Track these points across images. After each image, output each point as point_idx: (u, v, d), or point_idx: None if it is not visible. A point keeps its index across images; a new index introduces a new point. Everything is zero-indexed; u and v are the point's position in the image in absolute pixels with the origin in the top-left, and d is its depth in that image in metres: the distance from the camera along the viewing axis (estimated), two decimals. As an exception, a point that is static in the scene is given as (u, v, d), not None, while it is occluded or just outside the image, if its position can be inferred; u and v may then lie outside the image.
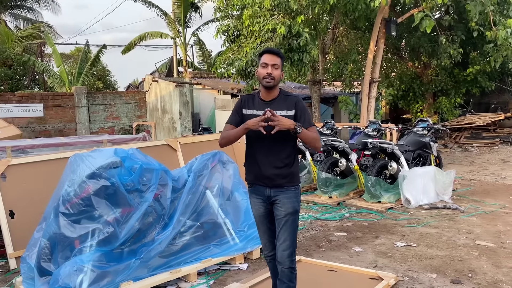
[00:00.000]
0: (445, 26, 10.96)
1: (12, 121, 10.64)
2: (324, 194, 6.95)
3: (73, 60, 25.10)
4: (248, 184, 3.04)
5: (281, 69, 2.88)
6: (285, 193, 2.88)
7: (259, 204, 2.98)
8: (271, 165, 2.86)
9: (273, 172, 2.86)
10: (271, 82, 2.82)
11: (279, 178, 2.87)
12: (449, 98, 14.85)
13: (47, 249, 3.53)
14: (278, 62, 2.83)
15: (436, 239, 4.91)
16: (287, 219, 2.87)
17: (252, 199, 3.03)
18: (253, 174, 2.96)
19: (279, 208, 2.89)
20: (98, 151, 3.83)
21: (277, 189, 2.89)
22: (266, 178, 2.89)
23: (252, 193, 3.02)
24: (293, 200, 2.89)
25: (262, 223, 3.04)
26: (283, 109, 2.86)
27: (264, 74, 2.82)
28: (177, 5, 16.04)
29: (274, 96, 2.91)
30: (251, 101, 2.95)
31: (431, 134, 7.40)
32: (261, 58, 2.87)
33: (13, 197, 4.51)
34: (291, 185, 2.91)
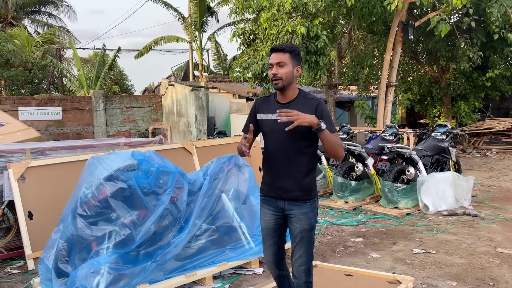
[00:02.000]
0: (464, 29, 10.79)
1: (32, 124, 10.82)
2: (340, 199, 6.88)
3: (91, 64, 25.49)
4: (261, 194, 2.83)
5: (293, 64, 2.59)
6: (301, 207, 2.64)
7: (270, 215, 2.76)
8: (287, 175, 2.63)
9: (289, 182, 2.63)
10: (279, 83, 2.57)
11: (296, 190, 2.63)
12: (467, 103, 14.61)
13: (65, 250, 3.55)
14: (284, 59, 2.56)
15: (456, 246, 4.81)
16: (303, 236, 2.66)
17: (262, 210, 2.81)
18: (267, 184, 2.74)
19: (294, 223, 2.67)
20: (116, 154, 3.85)
21: (292, 202, 2.65)
22: (281, 189, 2.66)
23: (264, 203, 2.80)
24: (309, 216, 2.65)
25: (269, 237, 2.80)
26: (302, 112, 2.54)
27: (271, 76, 2.61)
28: (194, 10, 16.16)
29: (292, 97, 2.65)
30: (266, 104, 2.72)
31: (449, 139, 7.27)
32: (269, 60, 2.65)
33: (32, 198, 4.56)
34: (308, 198, 2.65)
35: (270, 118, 2.65)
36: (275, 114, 2.55)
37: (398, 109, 16.78)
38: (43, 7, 23.39)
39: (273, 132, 2.64)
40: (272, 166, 2.68)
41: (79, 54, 18.26)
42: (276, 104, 2.67)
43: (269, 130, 2.67)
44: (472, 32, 11.43)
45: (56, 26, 23.15)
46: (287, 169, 2.62)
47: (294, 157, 2.61)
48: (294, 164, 2.61)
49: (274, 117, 2.55)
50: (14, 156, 4.90)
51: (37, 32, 23.28)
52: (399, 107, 16.86)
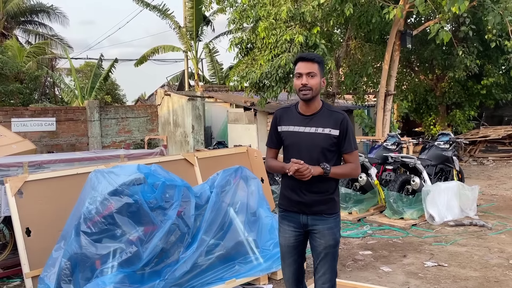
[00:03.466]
0: (461, 37, 10.83)
1: (25, 135, 10.59)
2: (343, 210, 6.75)
3: (82, 74, 25.27)
4: (280, 209, 2.69)
5: (321, 75, 2.52)
6: (325, 222, 2.54)
7: (291, 232, 2.62)
8: (310, 190, 2.51)
9: (312, 197, 2.52)
10: (309, 94, 2.47)
11: (319, 205, 2.53)
12: (462, 111, 14.67)
13: (68, 269, 3.38)
14: (315, 69, 2.47)
15: (468, 259, 4.70)
16: (328, 252, 2.56)
17: (282, 226, 2.67)
18: (288, 198, 2.61)
19: (318, 239, 2.56)
20: (120, 167, 3.70)
21: (315, 216, 2.54)
22: (304, 204, 2.54)
23: (283, 219, 2.66)
24: (334, 231, 2.56)
25: (289, 255, 2.66)
26: (326, 126, 2.50)
27: (299, 85, 2.49)
28: (189, 19, 16.10)
29: (315, 109, 2.55)
30: (287, 116, 2.62)
31: (453, 148, 7.21)
32: (295, 68, 2.54)
33: (29, 214, 4.36)
34: (332, 212, 2.56)
35: (292, 130, 2.56)
36: (298, 126, 2.52)
37: (393, 118, 16.79)
38: (35, 16, 23.16)
39: (296, 144, 2.53)
40: (294, 181, 2.52)
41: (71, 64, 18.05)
42: (299, 115, 2.58)
43: (291, 142, 2.57)
44: (468, 40, 11.48)
45: (48, 35, 22.92)
46: (310, 182, 2.48)
47: None
48: (318, 177, 2.48)
49: (298, 130, 2.52)
50: (10, 169, 4.72)
51: (28, 42, 23.04)
52: (394, 116, 16.87)
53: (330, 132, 2.49)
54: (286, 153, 2.61)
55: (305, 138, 2.46)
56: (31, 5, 22.50)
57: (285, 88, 10.12)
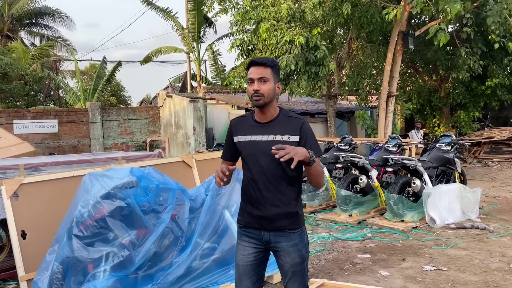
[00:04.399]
0: (464, 38, 10.75)
1: (27, 137, 10.63)
2: (343, 212, 6.70)
3: (87, 76, 25.38)
4: (240, 225, 2.47)
5: (275, 80, 2.35)
6: (288, 238, 2.34)
7: (250, 250, 2.39)
8: (271, 203, 2.32)
9: (274, 211, 2.32)
10: (261, 100, 2.30)
11: (282, 219, 2.33)
12: (467, 112, 14.56)
13: (60, 273, 3.35)
14: (267, 74, 2.31)
15: (468, 262, 4.63)
16: (295, 270, 2.37)
17: (241, 244, 2.43)
18: (248, 213, 2.40)
19: (283, 257, 2.37)
20: (113, 170, 3.67)
21: (278, 232, 2.34)
22: (265, 219, 2.34)
23: (243, 235, 2.43)
24: (299, 247, 2.36)
25: (246, 276, 2.39)
26: (285, 133, 2.31)
27: (251, 91, 2.31)
28: (191, 21, 16.10)
29: (272, 116, 2.36)
30: (242, 125, 2.43)
31: (455, 150, 7.13)
32: (247, 73, 2.36)
33: (25, 217, 4.35)
34: (296, 228, 2.36)
35: (249, 140, 2.37)
36: (255, 135, 2.34)
37: (397, 119, 16.71)
38: (40, 19, 23.29)
39: (254, 154, 2.34)
40: (253, 192, 2.35)
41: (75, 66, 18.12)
42: (255, 123, 2.39)
43: (249, 153, 2.36)
44: (471, 41, 11.38)
45: (53, 37, 23.03)
46: (271, 195, 2.32)
47: (280, 182, 2.33)
48: (280, 190, 2.33)
49: (255, 139, 2.33)
50: (7, 172, 4.72)
51: (33, 44, 23.16)
52: (398, 117, 16.79)
53: (289, 138, 2.30)
54: (244, 165, 2.42)
55: (263, 147, 2.28)
56: (36, 8, 22.62)
57: (285, 90, 10.08)
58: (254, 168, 2.34)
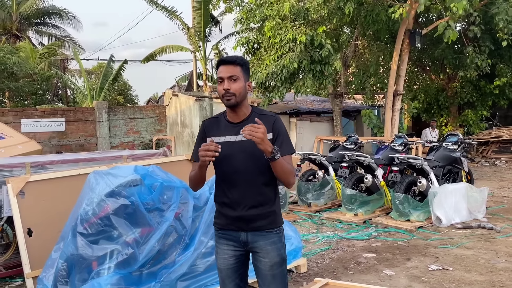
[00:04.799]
0: (471, 36, 10.67)
1: (34, 136, 10.72)
2: (349, 211, 6.68)
3: (95, 76, 25.52)
4: (216, 228, 2.41)
5: (246, 78, 2.28)
6: (266, 237, 2.27)
7: (230, 253, 2.34)
8: (247, 203, 2.26)
9: (250, 212, 2.26)
10: (232, 99, 2.22)
11: (258, 219, 2.27)
12: (475, 111, 14.45)
13: (64, 270, 3.38)
14: (236, 72, 2.24)
15: (474, 262, 4.59)
16: (275, 273, 2.28)
17: (220, 247, 2.38)
18: (224, 216, 2.33)
19: (261, 259, 2.28)
20: (118, 169, 3.69)
21: (255, 232, 2.28)
22: (241, 220, 2.28)
23: (221, 238, 2.38)
24: (278, 246, 2.30)
25: (229, 279, 2.36)
26: None
27: (221, 91, 2.24)
28: (197, 20, 16.12)
29: (245, 115, 2.30)
30: (215, 126, 2.36)
31: (461, 149, 7.07)
32: (217, 72, 2.28)
33: (31, 214, 4.39)
34: (274, 227, 2.31)
35: (222, 140, 2.28)
36: (228, 136, 2.28)
37: (404, 118, 16.62)
38: (48, 18, 23.46)
39: (228, 155, 2.25)
40: (230, 194, 2.29)
41: (83, 65, 18.25)
42: (228, 124, 2.32)
43: (223, 154, 2.20)
44: (479, 39, 11.28)
45: (61, 36, 23.19)
46: (247, 195, 2.26)
47: (256, 182, 2.26)
48: (255, 189, 2.27)
49: (229, 140, 2.26)
50: (13, 170, 4.76)
51: (41, 43, 23.33)
52: (405, 116, 16.70)
53: None
54: (217, 166, 2.33)
55: (237, 148, 2.23)
56: (44, 7, 22.79)
57: (291, 89, 10.06)
58: (228, 169, 2.28)
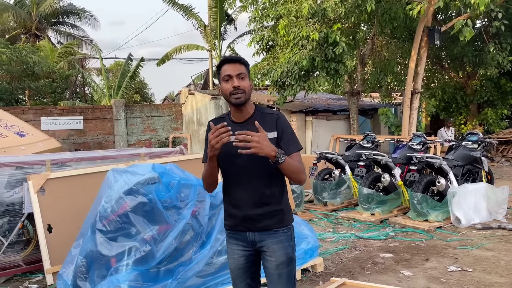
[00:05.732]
0: (492, 33, 10.44)
1: (53, 134, 10.90)
2: (365, 210, 6.62)
3: (112, 74, 25.82)
4: (226, 229, 2.41)
5: (249, 78, 2.28)
6: (274, 237, 2.25)
7: (240, 253, 2.32)
8: (254, 203, 2.24)
9: (256, 211, 2.24)
10: (242, 97, 2.20)
11: (265, 219, 2.25)
12: (495, 110, 14.15)
13: (84, 267, 3.43)
14: (243, 70, 2.23)
15: (494, 264, 4.51)
16: (281, 272, 2.25)
17: (230, 247, 2.38)
18: (232, 217, 2.32)
19: (268, 258, 2.27)
20: (136, 166, 3.73)
21: (263, 232, 2.26)
22: (248, 220, 2.26)
23: (230, 238, 2.37)
24: (285, 245, 2.27)
25: (240, 279, 2.36)
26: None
27: (230, 89, 2.20)
28: (213, 18, 16.17)
29: (248, 115, 2.28)
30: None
31: (481, 148, 6.94)
32: (221, 71, 2.25)
33: (51, 211, 4.48)
34: (282, 226, 2.28)
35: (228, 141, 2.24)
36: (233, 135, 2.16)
37: (422, 117, 16.38)
38: (66, 18, 23.83)
39: (233, 155, 2.18)
40: (235, 194, 2.28)
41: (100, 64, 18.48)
42: (233, 124, 2.27)
43: (228, 154, 2.21)
44: (500, 36, 11.04)
45: (79, 36, 23.53)
46: (253, 195, 2.24)
47: (261, 181, 2.24)
48: (261, 188, 2.24)
49: (232, 139, 2.16)
50: (34, 167, 4.84)
51: (60, 42, 23.71)
52: (423, 115, 16.45)
53: (267, 136, 2.17)
54: (223, 167, 2.31)
55: (242, 148, 2.15)
56: (62, 7, 23.15)
57: (304, 87, 10.01)
58: (234, 169, 2.26)
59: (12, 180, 4.70)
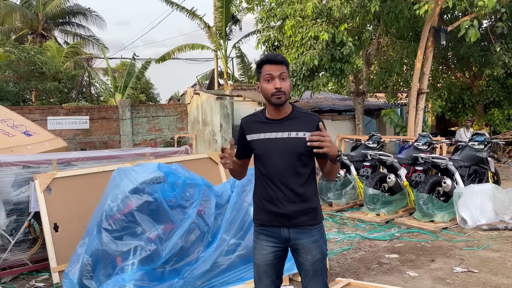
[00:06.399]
0: (499, 33, 10.38)
1: (60, 133, 10.96)
2: (371, 211, 6.60)
3: (118, 74, 25.91)
4: (257, 224, 2.42)
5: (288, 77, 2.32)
6: (308, 235, 2.31)
7: (270, 248, 2.36)
8: (289, 200, 2.28)
9: (293, 208, 2.28)
10: (283, 97, 2.25)
11: (300, 216, 2.29)
12: (501, 110, 14.07)
13: (89, 265, 3.45)
14: (284, 70, 2.27)
15: (500, 265, 4.48)
16: (316, 268, 2.33)
17: (259, 243, 2.39)
18: (266, 212, 2.34)
19: (304, 256, 2.33)
20: (141, 166, 3.74)
21: (297, 229, 2.31)
22: (284, 217, 2.30)
23: (260, 234, 2.39)
24: (320, 243, 2.33)
25: (266, 275, 2.37)
26: (301, 130, 2.27)
27: (271, 90, 2.24)
28: (219, 18, 16.19)
29: (286, 113, 2.32)
30: (254, 123, 2.39)
31: (488, 149, 6.90)
32: (262, 70, 2.28)
33: (57, 210, 4.50)
34: (315, 223, 2.32)
35: (263, 137, 2.33)
36: (271, 133, 2.30)
37: (428, 117, 16.31)
38: (73, 18, 23.95)
39: (270, 152, 2.30)
40: (270, 190, 2.32)
41: (107, 64, 18.56)
42: (267, 121, 2.34)
43: (264, 151, 2.31)
44: (507, 36, 10.98)
45: (85, 36, 23.64)
46: (288, 192, 2.29)
47: (296, 178, 2.29)
48: (296, 186, 2.29)
49: (271, 136, 2.29)
50: (40, 167, 4.87)
51: (66, 42, 23.83)
52: (429, 115, 16.38)
53: (305, 135, 2.26)
54: (258, 163, 2.36)
55: (279, 145, 2.27)
56: (69, 7, 23.26)
57: (309, 87, 10.00)
58: (269, 166, 2.30)
59: (19, 179, 4.74)
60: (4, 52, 15.58)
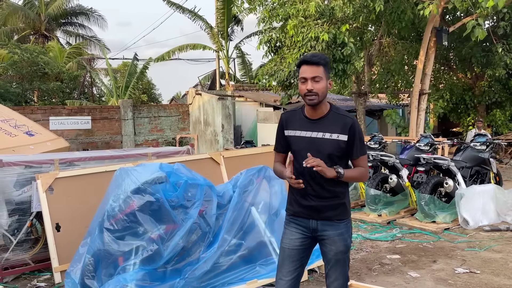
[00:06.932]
0: (500, 34, 10.36)
1: (62, 133, 10.99)
2: (372, 212, 6.60)
3: (120, 74, 25.97)
4: (288, 213, 2.58)
5: (327, 78, 2.41)
6: (335, 228, 2.44)
7: (298, 235, 2.49)
8: (320, 196, 2.42)
9: (321, 203, 2.43)
10: (315, 99, 2.36)
11: (329, 210, 2.43)
12: (503, 111, 14.05)
13: (91, 265, 3.45)
14: (319, 72, 2.36)
15: (502, 266, 4.47)
16: (339, 258, 2.47)
17: (289, 229, 2.53)
18: (297, 203, 2.49)
19: (328, 246, 2.47)
20: (143, 166, 3.74)
21: (325, 221, 2.45)
22: (313, 209, 2.44)
23: (291, 222, 2.54)
24: (345, 236, 2.46)
25: (290, 259, 2.49)
26: (334, 131, 2.38)
27: (304, 90, 2.37)
28: (220, 19, 16.20)
29: (322, 113, 2.44)
30: (293, 120, 2.52)
31: (490, 150, 6.88)
32: (299, 71, 2.41)
33: (59, 210, 4.51)
34: (343, 218, 2.46)
35: (299, 135, 2.47)
36: (305, 131, 2.45)
37: (429, 118, 16.28)
38: (75, 18, 23.99)
39: (302, 150, 2.41)
40: (305, 186, 2.41)
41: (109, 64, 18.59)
42: (305, 119, 2.48)
43: (298, 148, 2.46)
44: (509, 37, 10.96)
45: (87, 36, 23.68)
46: (319, 188, 2.42)
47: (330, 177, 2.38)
48: (327, 184, 2.41)
49: (304, 135, 2.44)
50: (43, 166, 4.88)
51: (68, 43, 23.89)
52: (431, 116, 16.36)
53: (338, 137, 2.38)
54: (294, 158, 2.49)
55: (311, 144, 2.39)
56: (71, 8, 23.31)
57: None
58: (302, 163, 2.37)
59: (21, 179, 4.74)
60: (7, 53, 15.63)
